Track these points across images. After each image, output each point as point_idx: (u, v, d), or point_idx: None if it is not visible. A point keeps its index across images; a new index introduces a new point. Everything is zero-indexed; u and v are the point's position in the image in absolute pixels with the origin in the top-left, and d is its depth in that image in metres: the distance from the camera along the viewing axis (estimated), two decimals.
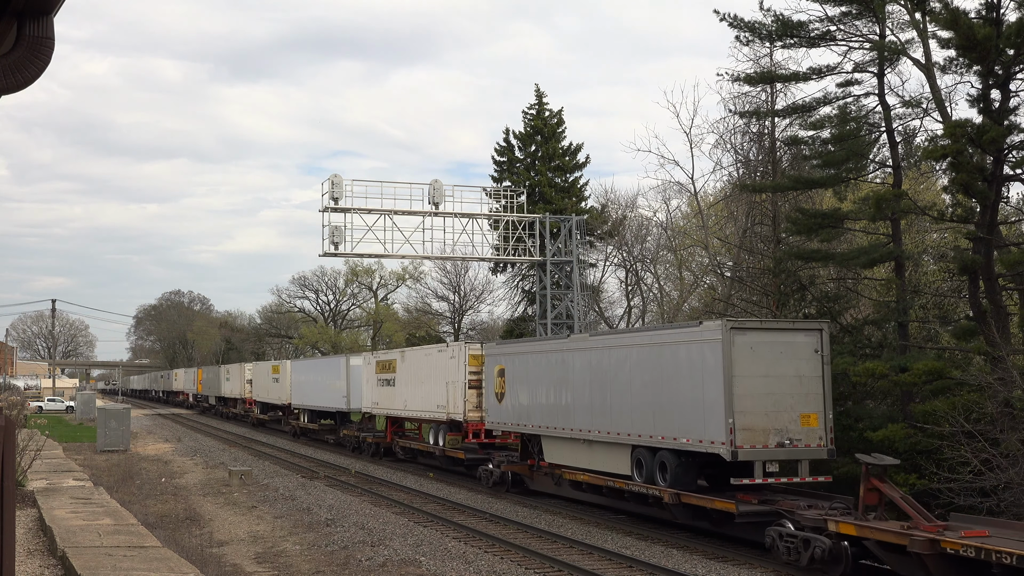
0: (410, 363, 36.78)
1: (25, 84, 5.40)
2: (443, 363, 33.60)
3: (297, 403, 53.37)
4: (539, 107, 54.17)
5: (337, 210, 39.20)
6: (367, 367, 41.77)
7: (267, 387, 61.02)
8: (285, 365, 57.02)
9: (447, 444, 33.45)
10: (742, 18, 28.69)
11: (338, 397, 45.35)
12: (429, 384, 34.53)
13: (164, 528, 22.22)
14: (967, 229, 26.90)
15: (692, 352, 20.35)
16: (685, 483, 20.69)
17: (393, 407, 38.60)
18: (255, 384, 64.95)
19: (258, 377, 64.59)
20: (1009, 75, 23.48)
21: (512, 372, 28.26)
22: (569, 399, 24.99)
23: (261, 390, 62.92)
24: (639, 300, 56.40)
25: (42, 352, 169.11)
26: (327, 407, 47.90)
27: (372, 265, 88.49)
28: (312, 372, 51.70)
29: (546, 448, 26.65)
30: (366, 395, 41.68)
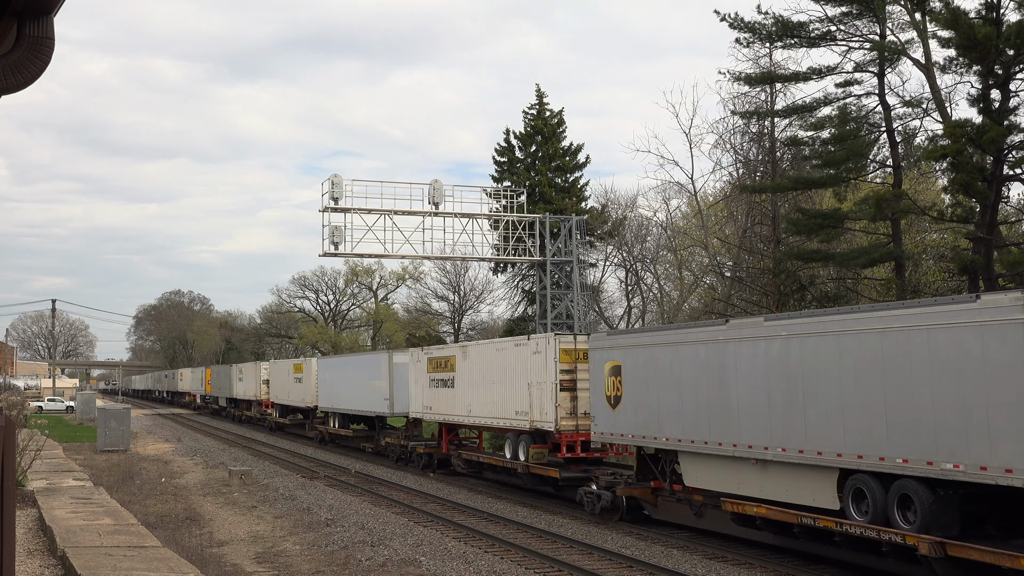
0: (475, 360, 31.21)
1: (25, 84, 5.40)
2: (523, 360, 27.98)
3: (325, 406, 47.87)
4: (539, 107, 54.19)
5: (337, 210, 39.20)
6: (416, 365, 36.26)
7: (288, 388, 55.80)
8: (310, 363, 51.54)
9: (531, 458, 27.37)
10: (742, 19, 28.74)
11: (378, 399, 39.94)
12: (503, 385, 28.92)
13: (164, 528, 22.22)
14: (967, 229, 26.92)
15: (963, 338, 14.49)
16: (944, 525, 14.97)
17: (452, 412, 32.96)
18: (273, 385, 59.75)
19: (277, 377, 59.27)
20: (1009, 75, 23.51)
21: (632, 370, 22.38)
22: (729, 404, 19.22)
23: (280, 391, 57.64)
24: (639, 300, 56.43)
25: (42, 352, 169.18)
26: (363, 411, 42.46)
27: (372, 265, 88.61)
28: (344, 371, 45.91)
29: (686, 467, 20.84)
30: (414, 397, 36.34)
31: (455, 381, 32.37)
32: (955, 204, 27.32)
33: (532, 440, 27.50)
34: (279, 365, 60.16)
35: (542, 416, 26.63)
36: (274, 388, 59.53)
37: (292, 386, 54.52)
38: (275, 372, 60.07)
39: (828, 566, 18.04)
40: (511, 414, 28.35)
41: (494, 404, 29.56)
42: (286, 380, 56.10)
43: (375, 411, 40.79)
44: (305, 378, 51.45)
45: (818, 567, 18.03)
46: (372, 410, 41.10)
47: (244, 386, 68.19)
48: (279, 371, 58.92)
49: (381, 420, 41.91)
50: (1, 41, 5.53)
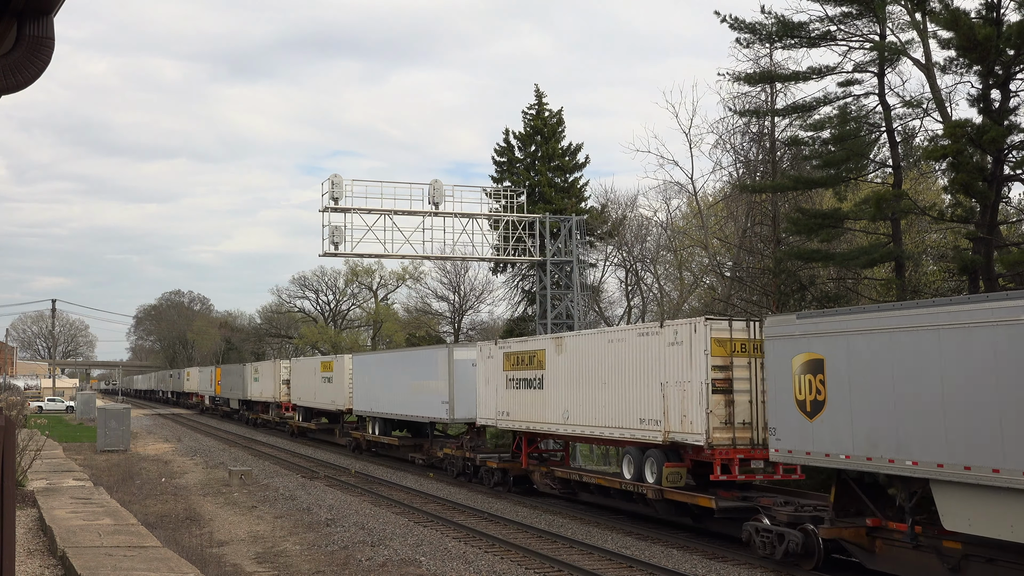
0: (575, 355, 25.24)
1: (25, 84, 5.40)
2: (653, 353, 21.87)
3: (361, 409, 42.35)
4: (539, 107, 54.17)
5: (337, 210, 39.19)
6: (487, 362, 30.37)
7: (314, 388, 50.28)
8: (342, 361, 46.12)
9: (667, 481, 21.39)
10: (743, 19, 28.74)
11: (432, 403, 34.33)
12: (620, 386, 23.00)
13: (164, 528, 22.22)
14: (967, 229, 26.92)
15: None
16: None
17: (540, 419, 26.85)
18: (296, 385, 54.22)
19: (300, 376, 53.58)
20: (1009, 75, 23.51)
21: (846, 365, 16.62)
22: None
23: (304, 392, 52.21)
24: (639, 300, 56.42)
25: (42, 352, 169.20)
26: (412, 415, 36.97)
27: (372, 265, 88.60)
28: (388, 369, 40.08)
29: (945, 503, 14.76)
30: (484, 400, 30.27)
31: (544, 381, 26.55)
32: (955, 204, 27.32)
33: (665, 457, 21.61)
34: (303, 363, 54.70)
35: (685, 426, 20.68)
36: (296, 389, 54.16)
37: (319, 387, 49.16)
38: (298, 371, 54.38)
39: (828, 566, 18.03)
40: (632, 423, 22.50)
41: (604, 409, 23.63)
42: (311, 380, 50.70)
43: (429, 416, 35.12)
44: (336, 377, 46.16)
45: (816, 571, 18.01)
46: (425, 415, 35.37)
47: (260, 387, 62.49)
48: (303, 370, 53.38)
49: (431, 427, 36.88)
50: (1, 41, 5.53)
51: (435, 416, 34.71)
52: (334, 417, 49.22)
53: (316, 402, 50.02)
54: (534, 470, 28.36)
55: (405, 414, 37.67)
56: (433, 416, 34.90)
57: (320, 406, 49.46)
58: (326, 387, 47.95)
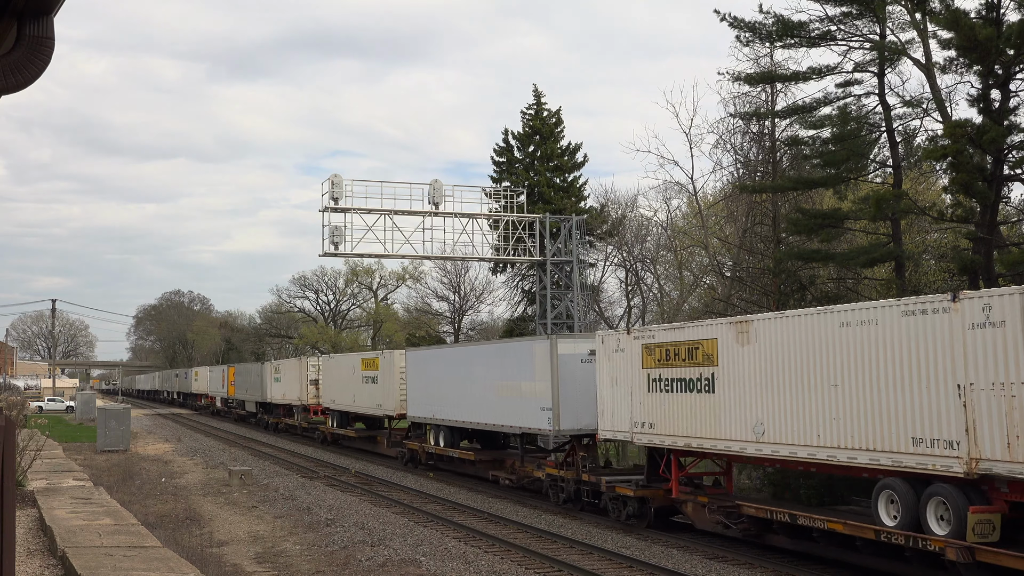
0: (777, 343, 18.65)
1: (25, 84, 5.40)
2: (945, 339, 15.14)
3: (419, 415, 35.62)
4: (537, 107, 54.17)
5: (337, 210, 39.19)
6: (614, 358, 23.36)
7: (352, 389, 43.42)
8: (391, 358, 38.94)
9: (974, 533, 14.68)
10: (742, 18, 28.73)
11: (528, 409, 27.20)
12: (869, 389, 16.40)
13: (164, 528, 22.23)
14: (967, 229, 26.92)
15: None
16: None
17: (712, 434, 20.20)
18: (328, 386, 47.93)
19: (334, 376, 47.22)
20: (1009, 75, 23.51)
21: None
22: None
23: (340, 394, 45.59)
24: (639, 300, 56.42)
25: (42, 352, 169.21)
26: (496, 425, 29.75)
27: (372, 265, 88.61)
28: (458, 368, 32.91)
29: None
30: (612, 407, 23.34)
31: (717, 381, 20.04)
32: (955, 204, 27.32)
33: (966, 497, 14.92)
34: (338, 361, 48.23)
35: (1015, 452, 13.95)
36: (329, 390, 47.81)
37: (359, 388, 42.39)
38: (331, 370, 47.84)
39: (827, 566, 18.04)
40: (897, 443, 15.80)
41: (835, 424, 17.04)
42: (349, 380, 43.95)
43: (522, 426, 27.97)
44: (383, 377, 39.50)
45: (816, 567, 18.03)
46: (516, 424, 28.35)
47: (282, 388, 56.05)
48: (338, 369, 46.63)
49: (521, 439, 30.10)
50: (1, 41, 5.53)
51: (531, 426, 27.44)
52: (374, 423, 44.37)
53: (356, 405, 43.25)
54: (687, 500, 21.63)
55: (485, 423, 30.37)
56: (528, 426, 27.65)
57: (361, 410, 42.83)
58: (369, 388, 41.29)
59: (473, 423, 31.34)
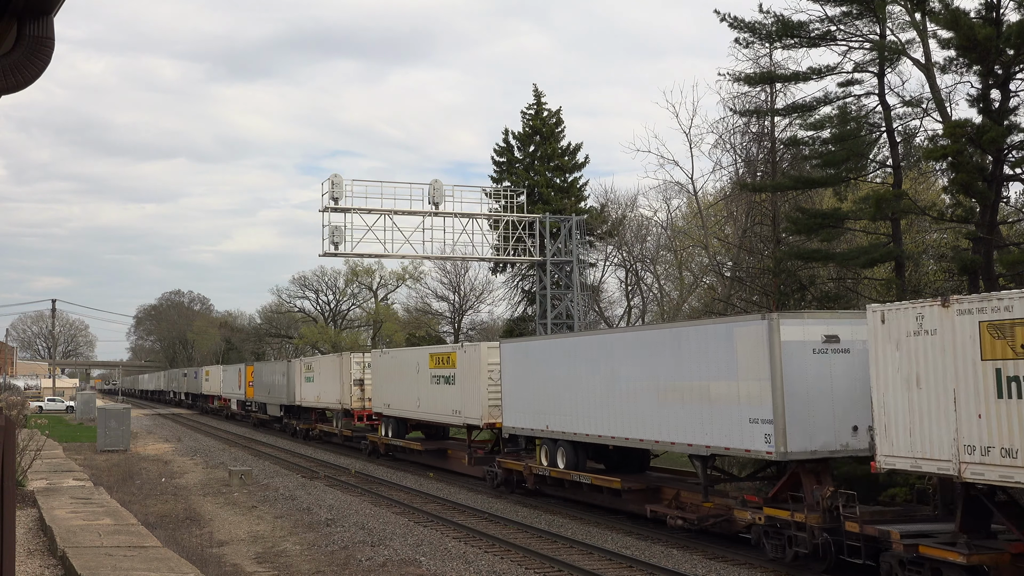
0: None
1: (25, 84, 5.40)
2: None
3: (525, 427, 27.42)
4: (538, 107, 54.20)
5: (337, 210, 39.20)
6: (918, 344, 15.45)
7: (416, 392, 35.40)
8: (476, 353, 30.83)
9: None
10: (742, 19, 28.73)
11: (726, 422, 19.29)
12: None
13: (164, 528, 22.23)
14: (967, 229, 26.92)
15: None
16: None
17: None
18: (379, 386, 39.77)
19: (388, 374, 38.76)
20: (1009, 75, 23.50)
21: None
22: None
23: (398, 396, 37.45)
24: (639, 300, 56.43)
25: (42, 352, 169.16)
26: (660, 442, 21.70)
27: (372, 265, 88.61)
28: (593, 363, 24.36)
29: None
30: (915, 421, 15.44)
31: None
32: (955, 204, 27.32)
33: None
34: (396, 357, 38.97)
35: None
36: (381, 392, 39.39)
37: (426, 390, 34.41)
38: (385, 368, 39.28)
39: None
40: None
41: None
42: (411, 380, 35.82)
43: (716, 445, 19.65)
44: (464, 376, 31.36)
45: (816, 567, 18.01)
46: (701, 442, 20.04)
47: (316, 388, 48.11)
48: (394, 366, 38.18)
49: (704, 464, 20.56)
50: (1, 41, 5.53)
51: (729, 446, 19.22)
52: (437, 432, 37.73)
53: (421, 411, 35.26)
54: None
55: (640, 438, 22.16)
56: (723, 445, 19.39)
57: (428, 417, 34.85)
58: (440, 391, 33.43)
59: (618, 439, 22.87)
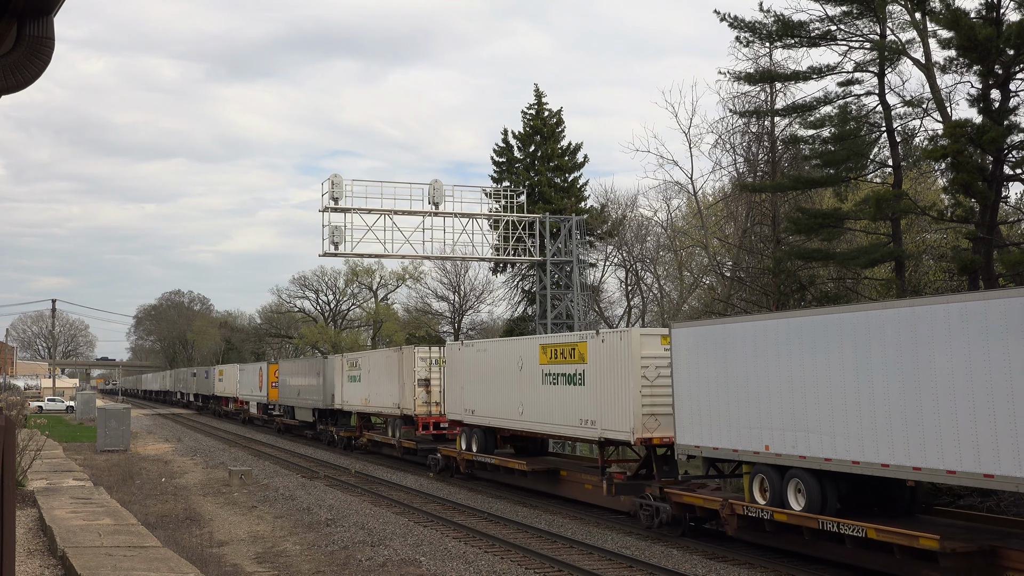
0: None
1: (25, 84, 5.40)
2: None
3: (732, 447, 19.32)
4: (538, 107, 54.20)
5: (337, 210, 39.20)
6: None
7: (519, 395, 27.40)
8: (627, 338, 23.05)
9: None
10: (742, 18, 28.75)
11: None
12: None
13: (164, 528, 22.23)
14: (967, 229, 26.91)
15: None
16: None
17: None
18: (461, 388, 31.13)
19: (471, 372, 30.58)
20: (1009, 75, 23.51)
21: None
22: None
23: (488, 401, 29.36)
24: (639, 300, 56.42)
25: (42, 352, 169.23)
26: None
27: (372, 265, 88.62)
28: (874, 353, 16.03)
29: None
30: None
31: None
32: (955, 204, 27.33)
33: None
34: (485, 351, 30.30)
35: None
36: (464, 394, 30.85)
37: (537, 392, 26.33)
38: (470, 364, 30.69)
39: (827, 566, 18.03)
40: None
41: None
42: (514, 379, 27.62)
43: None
44: (604, 374, 23.43)
45: (818, 567, 18.02)
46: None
47: (364, 389, 40.75)
48: (487, 362, 29.66)
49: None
50: (1, 41, 5.53)
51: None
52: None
53: (526, 420, 26.98)
54: None
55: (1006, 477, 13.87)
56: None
57: (542, 428, 26.49)
58: (559, 394, 25.23)
59: (935, 472, 14.96)
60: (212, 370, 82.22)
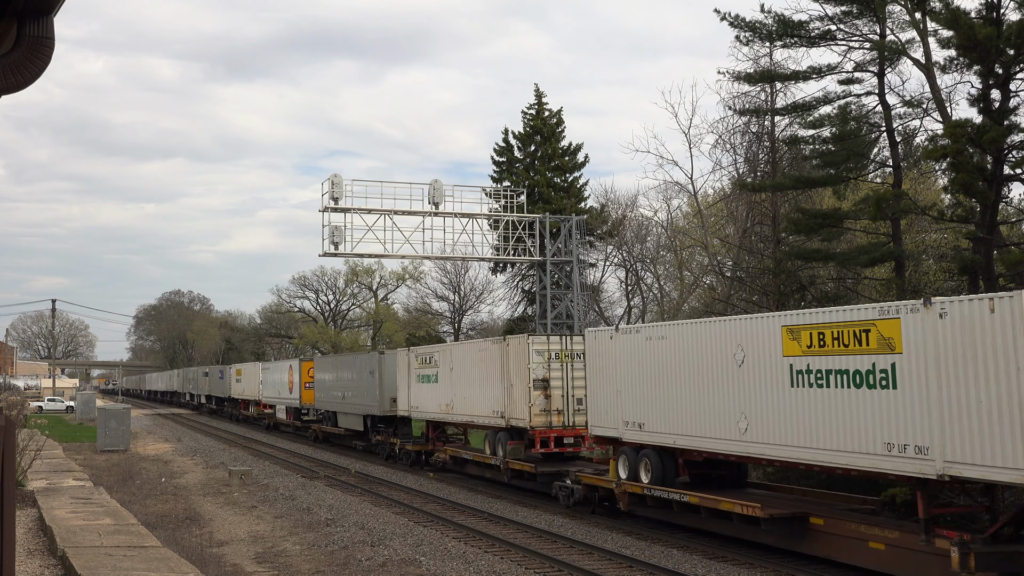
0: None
1: (25, 84, 5.40)
2: None
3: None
4: (539, 107, 54.21)
5: (337, 210, 39.21)
6: None
7: (741, 405, 18.99)
8: (1019, 306, 13.53)
9: None
10: (743, 17, 28.74)
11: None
12: None
13: (164, 528, 22.23)
14: (967, 229, 26.91)
15: None
16: None
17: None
18: (612, 393, 23.04)
19: (631, 369, 22.40)
20: (1009, 75, 23.50)
21: None
22: None
23: (663, 412, 21.30)
24: (639, 300, 56.42)
25: (42, 352, 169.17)
26: None
27: (372, 265, 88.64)
28: None
29: None
30: None
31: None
32: (955, 204, 27.31)
33: None
34: (671, 335, 21.46)
35: None
36: (617, 401, 22.78)
37: (775, 397, 18.23)
38: (629, 355, 22.50)
39: (828, 566, 18.03)
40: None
41: None
42: (724, 378, 19.56)
43: None
44: (938, 370, 14.84)
45: (818, 567, 18.02)
46: None
47: (444, 392, 32.72)
48: (667, 354, 21.35)
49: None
50: (1, 41, 5.53)
51: None
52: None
53: (750, 440, 18.88)
54: None
55: None
56: None
57: (804, 456, 17.74)
58: (845, 401, 16.70)
59: None
60: (228, 369, 73.66)
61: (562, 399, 27.14)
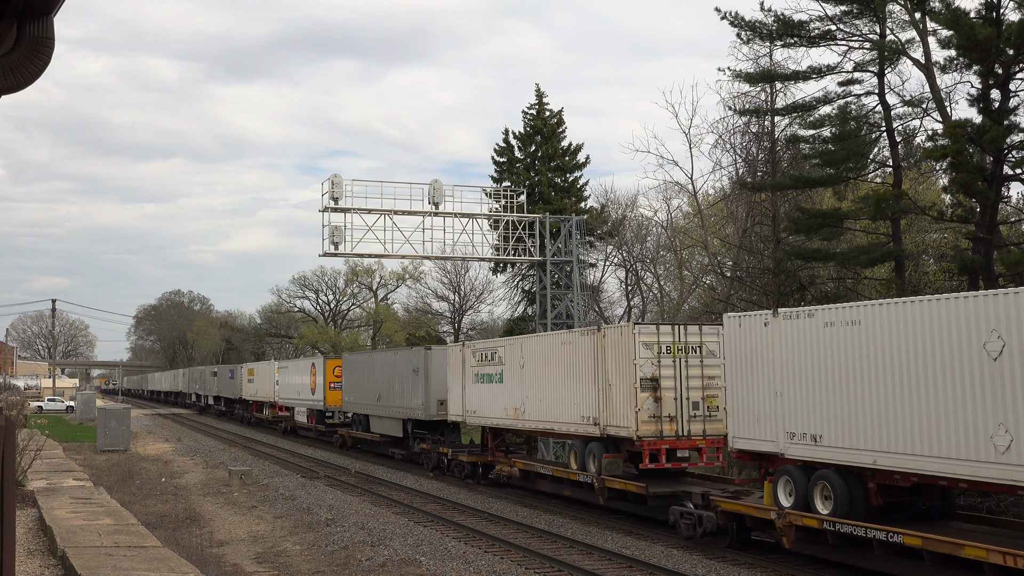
0: None
1: (25, 84, 5.40)
2: None
3: None
4: (539, 107, 54.18)
5: (337, 210, 39.19)
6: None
7: (1006, 413, 13.30)
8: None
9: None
10: (743, 17, 28.77)
11: None
12: None
13: (164, 528, 22.23)
14: (967, 229, 26.92)
15: None
16: None
17: None
18: (773, 395, 17.92)
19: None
20: (1009, 75, 23.52)
21: None
22: None
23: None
24: (639, 300, 56.43)
25: (42, 352, 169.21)
26: None
27: (372, 265, 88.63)
28: None
29: None
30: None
31: None
32: (955, 204, 27.33)
33: None
34: (866, 320, 15.97)
35: None
36: (777, 404, 17.84)
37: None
38: (792, 347, 17.53)
39: (827, 566, 18.02)
40: None
41: None
42: (967, 379, 14.12)
43: None
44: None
45: (818, 568, 18.02)
46: None
47: (512, 393, 28.03)
48: (862, 342, 16.02)
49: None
50: (1, 41, 5.53)
51: None
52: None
53: None
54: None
55: None
56: None
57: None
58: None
59: None
60: (239, 368, 67.71)
61: (675, 403, 22.23)
